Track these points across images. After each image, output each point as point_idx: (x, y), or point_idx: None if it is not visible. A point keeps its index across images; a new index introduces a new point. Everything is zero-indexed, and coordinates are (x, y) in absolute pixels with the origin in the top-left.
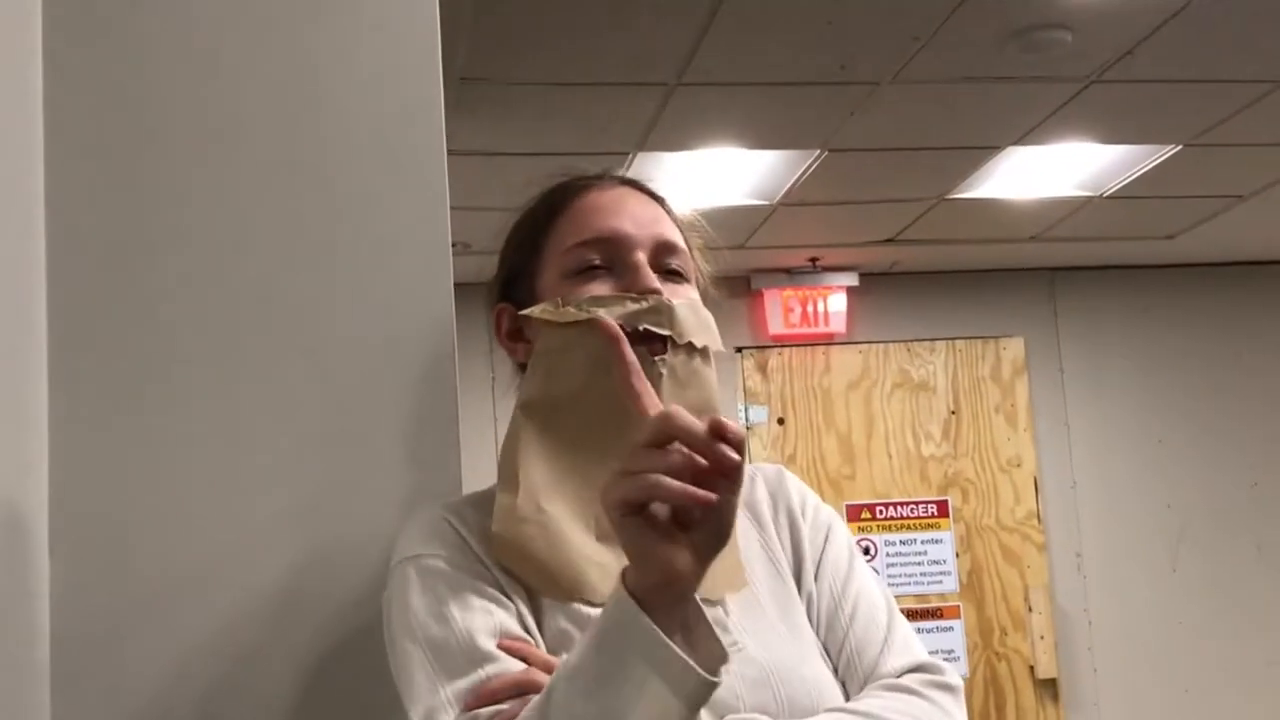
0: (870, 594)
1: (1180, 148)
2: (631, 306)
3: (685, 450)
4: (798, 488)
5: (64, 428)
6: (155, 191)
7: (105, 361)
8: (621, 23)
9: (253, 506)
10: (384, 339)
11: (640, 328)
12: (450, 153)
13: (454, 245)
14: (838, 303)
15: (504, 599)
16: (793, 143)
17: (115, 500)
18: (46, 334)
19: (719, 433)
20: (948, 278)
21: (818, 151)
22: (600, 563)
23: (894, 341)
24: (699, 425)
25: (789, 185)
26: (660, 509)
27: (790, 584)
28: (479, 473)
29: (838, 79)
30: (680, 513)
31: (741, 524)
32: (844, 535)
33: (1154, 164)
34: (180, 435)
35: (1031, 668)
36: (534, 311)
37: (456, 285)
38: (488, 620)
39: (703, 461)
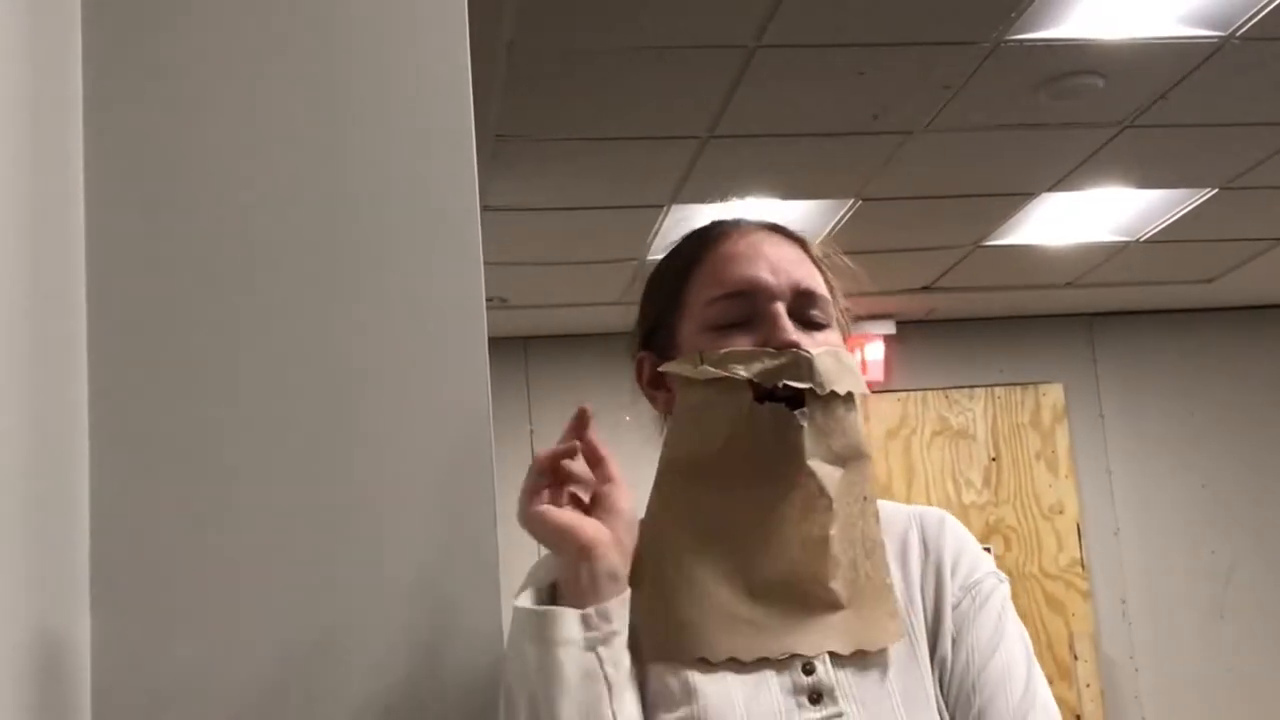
0: (1011, 674)
1: (1216, 191)
2: (769, 363)
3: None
4: (955, 541)
5: (105, 484)
6: (187, 249)
7: (144, 425)
8: (653, 77)
9: (285, 565)
10: (418, 395)
11: (780, 384)
12: (486, 209)
13: (491, 300)
14: (875, 351)
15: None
16: (826, 192)
17: (157, 555)
18: (88, 396)
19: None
20: (985, 324)
21: (852, 201)
22: (751, 620)
23: (932, 389)
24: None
25: (823, 235)
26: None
27: (921, 645)
28: (516, 527)
29: (870, 129)
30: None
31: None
32: (997, 601)
33: (1190, 208)
34: (217, 500)
35: (1078, 717)
36: (672, 368)
37: (493, 340)
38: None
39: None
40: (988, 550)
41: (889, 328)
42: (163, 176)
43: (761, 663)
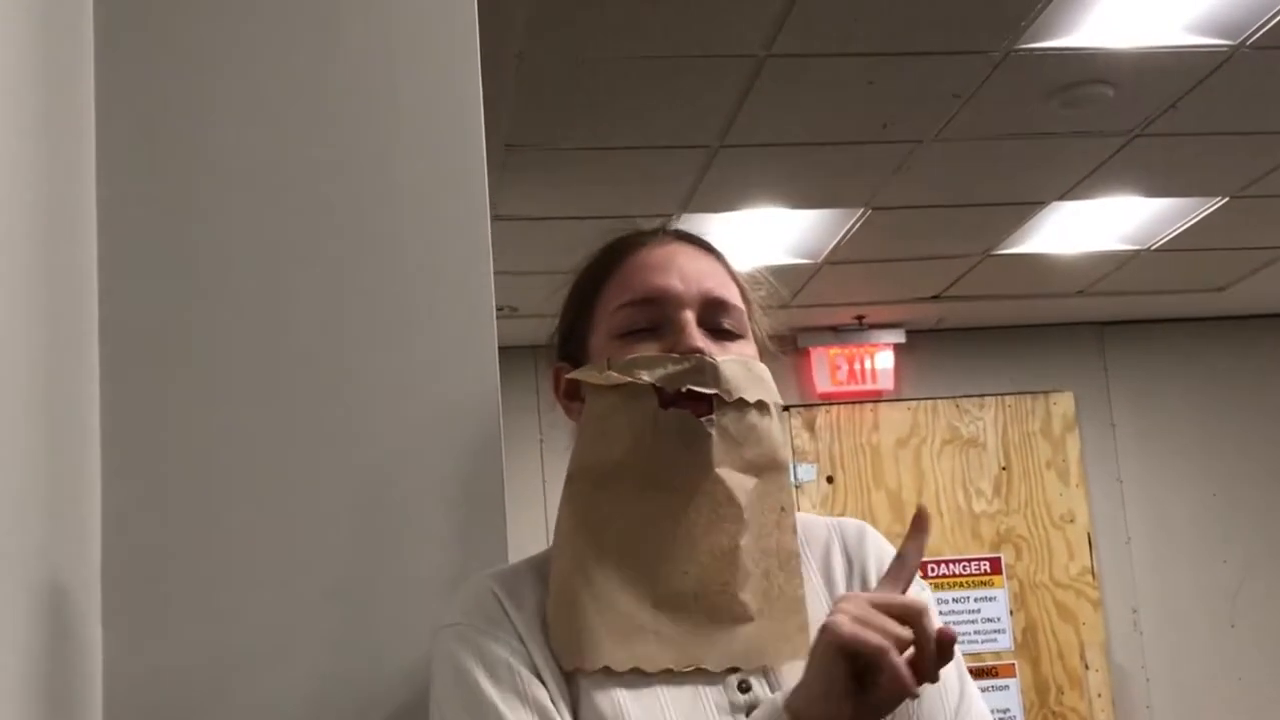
0: (944, 682)
1: (1227, 199)
2: (672, 368)
3: (910, 637)
4: (877, 551)
5: (116, 503)
6: (199, 256)
7: (156, 438)
8: (664, 87)
9: (299, 578)
10: (429, 404)
11: (683, 389)
12: (497, 218)
13: (502, 309)
14: (885, 360)
15: (536, 679)
16: (836, 202)
17: (165, 571)
18: (99, 414)
19: (944, 651)
20: (995, 333)
21: (862, 210)
22: (656, 630)
23: (942, 398)
24: (933, 631)
25: (834, 244)
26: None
27: None
28: (527, 536)
29: (880, 138)
30: (865, 677)
31: (813, 587)
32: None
33: (1201, 216)
34: (229, 511)
35: None
36: (578, 374)
37: (504, 349)
38: (514, 697)
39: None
40: (996, 558)
41: (899, 337)
42: (175, 186)
43: (696, 680)
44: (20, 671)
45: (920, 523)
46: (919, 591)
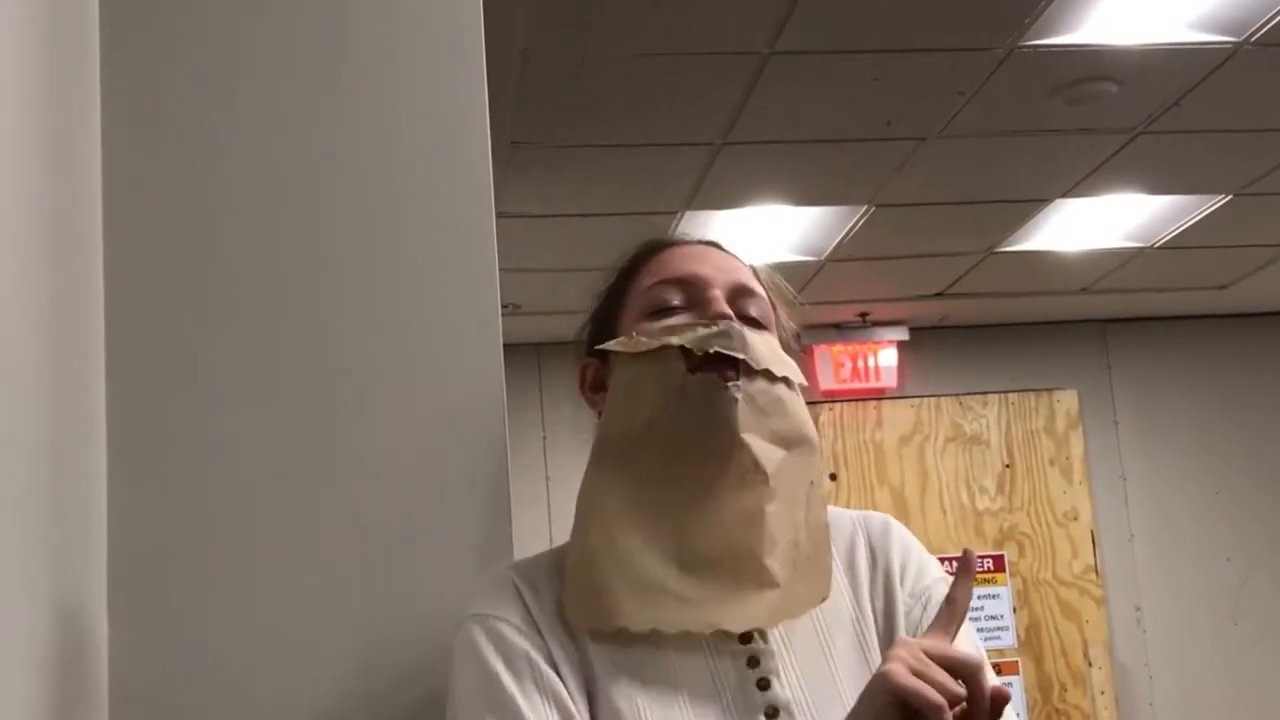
0: None
1: (1230, 197)
2: (701, 331)
3: (964, 695)
4: (901, 545)
5: (122, 504)
6: (204, 257)
7: (162, 440)
8: (668, 84)
9: (305, 578)
10: (433, 403)
11: (711, 350)
12: (501, 215)
13: (505, 306)
14: (888, 357)
15: (554, 676)
16: (840, 199)
17: (171, 572)
18: (105, 416)
19: (997, 711)
20: (998, 331)
21: (865, 207)
22: (679, 593)
23: (946, 395)
24: (988, 690)
25: (837, 241)
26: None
27: (874, 656)
28: (530, 534)
29: (884, 135)
30: None
31: (835, 580)
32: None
33: (1204, 214)
34: (234, 512)
35: None
36: (608, 345)
37: (507, 346)
38: (534, 692)
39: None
40: (1000, 556)
41: (902, 334)
42: (179, 187)
43: (714, 679)
44: (27, 672)
45: (966, 565)
46: (971, 635)
